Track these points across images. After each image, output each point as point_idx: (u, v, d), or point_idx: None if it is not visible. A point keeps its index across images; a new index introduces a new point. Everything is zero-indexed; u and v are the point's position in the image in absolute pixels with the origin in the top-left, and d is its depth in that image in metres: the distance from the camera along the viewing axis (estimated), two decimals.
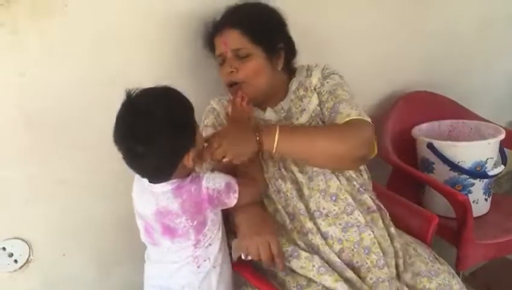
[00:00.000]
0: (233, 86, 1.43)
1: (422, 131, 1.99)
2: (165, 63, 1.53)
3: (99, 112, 1.39)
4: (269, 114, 1.47)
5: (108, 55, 1.42)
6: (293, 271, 1.34)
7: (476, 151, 1.82)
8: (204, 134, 1.38)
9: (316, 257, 1.31)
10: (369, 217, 1.39)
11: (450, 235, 1.78)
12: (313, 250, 1.33)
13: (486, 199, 1.92)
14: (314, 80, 1.49)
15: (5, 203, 1.38)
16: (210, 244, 1.24)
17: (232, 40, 1.39)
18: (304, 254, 1.31)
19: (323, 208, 1.35)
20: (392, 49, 2.08)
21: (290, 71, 1.54)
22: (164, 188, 1.17)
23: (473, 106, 2.18)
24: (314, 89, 1.49)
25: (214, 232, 1.24)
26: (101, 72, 1.42)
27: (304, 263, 1.31)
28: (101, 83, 1.42)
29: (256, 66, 1.41)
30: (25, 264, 1.45)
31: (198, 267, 1.24)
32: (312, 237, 1.33)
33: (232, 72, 1.40)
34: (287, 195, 1.37)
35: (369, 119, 1.37)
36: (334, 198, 1.36)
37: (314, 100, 1.47)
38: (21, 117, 1.35)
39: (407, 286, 1.36)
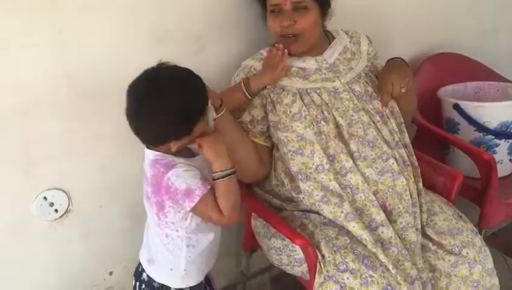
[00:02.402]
0: (285, 37, 1.47)
1: (447, 92, 2.00)
2: (199, 17, 1.57)
3: (138, 69, 1.44)
4: (309, 63, 1.52)
5: (146, 12, 1.46)
6: (322, 224, 1.40)
7: (502, 112, 1.84)
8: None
9: (346, 203, 1.37)
10: (405, 168, 1.47)
11: (473, 195, 1.82)
12: (351, 191, 1.40)
13: (511, 160, 1.94)
14: (364, 47, 1.63)
15: (47, 156, 1.44)
16: (177, 231, 1.23)
17: None
18: (333, 200, 1.38)
19: (362, 152, 1.42)
20: (419, 10, 2.08)
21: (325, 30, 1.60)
22: (149, 155, 1.22)
23: (500, 68, 2.17)
24: (368, 53, 1.62)
25: (178, 222, 1.22)
26: (138, 29, 1.46)
27: (332, 209, 1.38)
28: (139, 40, 1.47)
29: (312, 19, 1.47)
30: (64, 214, 1.51)
31: (166, 236, 1.25)
32: (352, 176, 1.40)
33: (290, 24, 1.44)
34: (329, 136, 1.42)
35: None
36: (371, 145, 1.44)
37: (362, 63, 1.59)
38: (60, 73, 1.39)
39: (431, 241, 1.42)
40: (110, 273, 1.68)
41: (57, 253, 1.55)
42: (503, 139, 1.86)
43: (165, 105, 1.12)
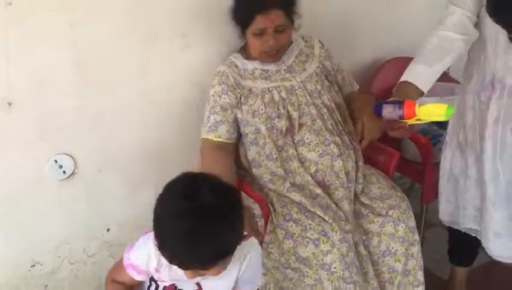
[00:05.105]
0: (268, 53, 1.78)
1: None
2: (185, 18, 1.89)
3: (137, 59, 1.82)
4: (270, 65, 1.85)
5: (140, 13, 1.79)
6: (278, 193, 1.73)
7: None
8: (211, 92, 1.78)
9: (287, 182, 1.70)
10: (347, 152, 1.76)
11: (418, 176, 2.14)
12: (291, 174, 1.72)
13: None
14: (317, 50, 1.94)
15: (59, 126, 1.77)
16: None
17: (277, 18, 1.72)
18: (278, 181, 1.72)
19: (307, 138, 1.73)
20: (384, 21, 2.41)
21: None
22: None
23: (453, 73, 2.47)
24: (319, 56, 1.91)
25: None
26: (133, 28, 1.80)
27: (277, 187, 1.71)
28: (134, 36, 1.81)
29: (289, 36, 1.82)
30: (71, 175, 1.84)
31: None
32: (291, 163, 1.71)
33: (275, 43, 1.75)
34: (281, 130, 1.74)
35: None
36: (316, 132, 1.74)
37: (314, 65, 1.90)
38: (70, 60, 1.72)
39: (363, 205, 1.73)
40: (108, 229, 2.00)
41: (64, 208, 1.87)
42: (446, 130, 2.16)
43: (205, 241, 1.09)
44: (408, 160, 2.16)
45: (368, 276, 1.66)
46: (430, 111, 1.49)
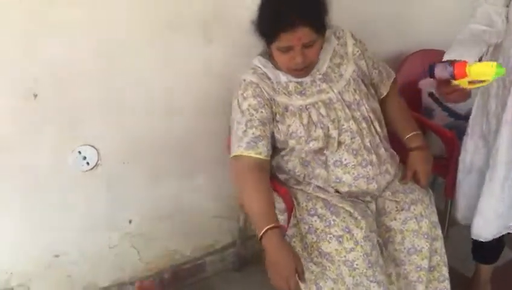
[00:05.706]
0: (296, 70, 1.63)
1: (428, 83, 2.27)
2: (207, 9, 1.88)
3: (160, 50, 1.82)
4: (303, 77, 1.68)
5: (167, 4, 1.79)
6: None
7: (471, 99, 2.07)
8: (245, 105, 1.63)
9: (313, 184, 1.66)
10: (384, 167, 1.71)
11: (443, 171, 2.10)
12: (312, 189, 1.68)
13: None
14: (350, 48, 1.76)
15: (82, 118, 1.78)
16: None
17: (304, 35, 1.53)
18: (302, 184, 1.69)
19: (345, 159, 1.65)
20: (409, 11, 2.38)
21: None
22: None
23: None
24: (353, 54, 1.75)
25: None
26: (157, 17, 1.80)
27: (303, 187, 1.68)
28: (162, 25, 1.81)
29: (318, 50, 1.63)
30: (94, 166, 1.85)
31: None
32: (315, 181, 1.67)
33: (303, 60, 1.57)
34: (313, 150, 1.65)
35: None
36: (354, 153, 1.66)
37: (350, 68, 1.73)
38: (93, 52, 1.72)
39: (386, 200, 1.70)
40: (130, 221, 2.01)
41: (86, 199, 1.89)
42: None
43: None
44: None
45: (392, 278, 1.64)
46: (480, 69, 1.44)
